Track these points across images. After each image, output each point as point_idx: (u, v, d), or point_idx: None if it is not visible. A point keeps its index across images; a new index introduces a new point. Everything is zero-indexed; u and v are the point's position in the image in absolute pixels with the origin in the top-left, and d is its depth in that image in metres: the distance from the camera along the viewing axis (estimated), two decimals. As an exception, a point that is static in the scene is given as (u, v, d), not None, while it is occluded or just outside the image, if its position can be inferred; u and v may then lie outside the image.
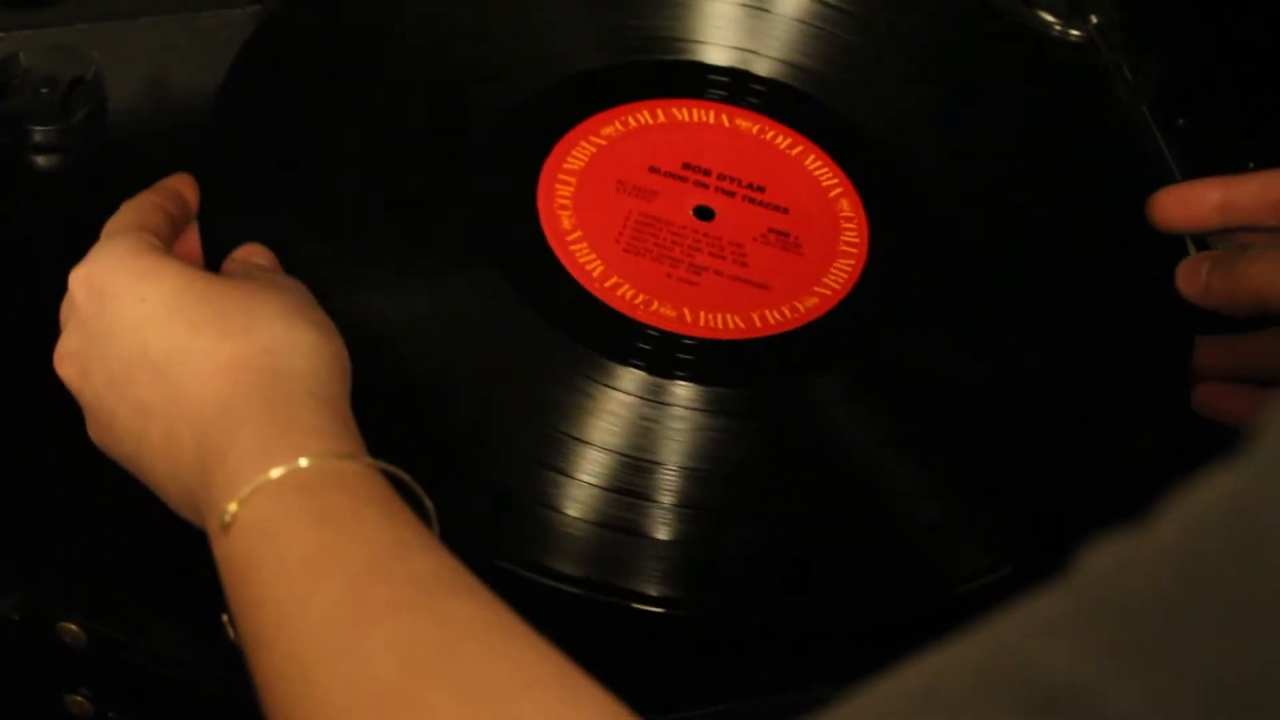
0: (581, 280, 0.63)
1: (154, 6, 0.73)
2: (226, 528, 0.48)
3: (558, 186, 0.66)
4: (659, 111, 0.70)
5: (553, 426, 0.59)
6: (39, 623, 0.56)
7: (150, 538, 0.57)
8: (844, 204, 0.68)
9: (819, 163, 0.69)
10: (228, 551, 0.49)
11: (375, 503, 0.49)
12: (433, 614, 0.46)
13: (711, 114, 0.70)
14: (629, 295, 0.63)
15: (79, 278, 0.55)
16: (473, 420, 0.59)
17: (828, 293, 0.65)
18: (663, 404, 0.60)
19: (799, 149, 0.70)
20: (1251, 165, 0.75)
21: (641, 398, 0.60)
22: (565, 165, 0.67)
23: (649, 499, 0.58)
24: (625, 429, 0.59)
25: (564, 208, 0.66)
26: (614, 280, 0.64)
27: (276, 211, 0.64)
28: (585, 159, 0.67)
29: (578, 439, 0.58)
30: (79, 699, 0.58)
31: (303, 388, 0.51)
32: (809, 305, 0.64)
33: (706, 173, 0.68)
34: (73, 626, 0.56)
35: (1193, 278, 0.63)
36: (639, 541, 0.57)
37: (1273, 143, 0.76)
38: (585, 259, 0.64)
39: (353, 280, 0.62)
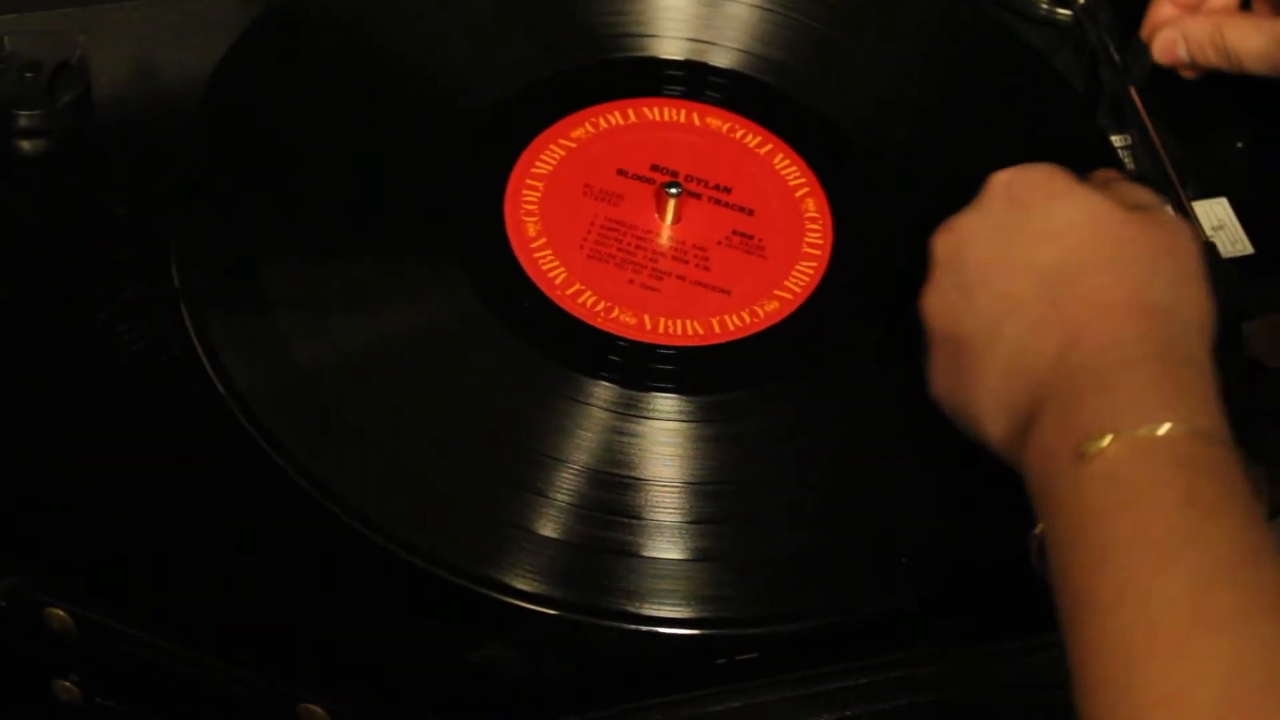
0: (544, 288, 0.64)
1: (140, -10, 0.73)
2: (1086, 458, 0.49)
3: (525, 192, 0.68)
4: (630, 111, 0.71)
5: (523, 444, 0.60)
6: (27, 609, 0.57)
7: (138, 523, 0.58)
8: (810, 204, 0.69)
9: (787, 161, 0.70)
10: (1074, 483, 0.49)
11: (1239, 497, 0.49)
12: (1261, 636, 0.45)
13: (682, 113, 0.71)
14: (590, 303, 0.65)
15: (1000, 175, 0.58)
16: (439, 437, 0.61)
17: (788, 296, 0.66)
18: (632, 416, 0.62)
19: (768, 148, 0.71)
20: (1240, 145, 0.76)
21: (610, 410, 0.62)
22: (534, 170, 0.68)
23: (627, 515, 0.59)
24: (592, 443, 0.61)
25: (530, 214, 0.67)
26: (576, 287, 0.65)
27: (247, 217, 0.65)
28: (554, 163, 0.68)
29: (550, 456, 0.60)
30: (67, 685, 0.59)
31: (1186, 353, 0.52)
32: (769, 310, 0.65)
33: (674, 174, 0.68)
34: (61, 613, 0.57)
35: (1170, 51, 0.74)
36: (623, 559, 0.58)
37: (1261, 121, 0.76)
38: (548, 266, 0.65)
39: (318, 288, 0.64)
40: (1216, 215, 0.72)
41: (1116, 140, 0.74)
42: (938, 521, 0.61)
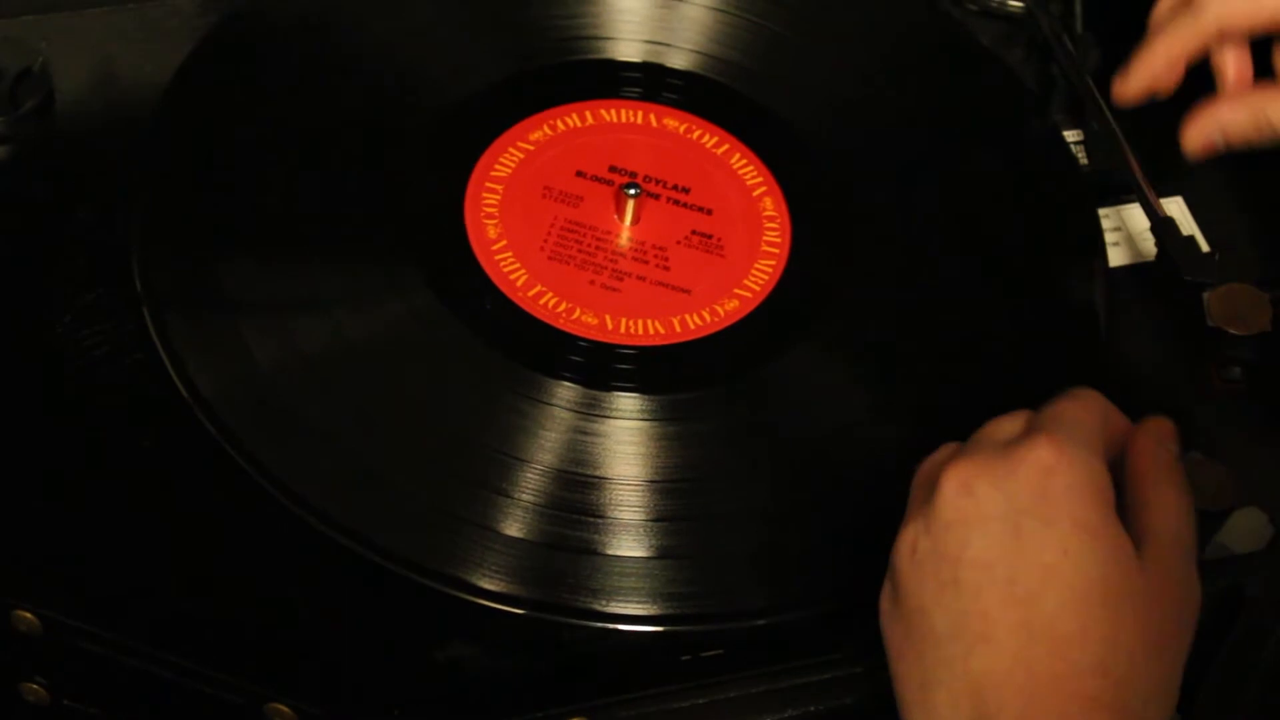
0: (505, 290, 0.65)
1: (101, -3, 0.74)
2: None
3: (485, 195, 0.68)
4: (587, 114, 0.71)
5: (486, 444, 0.61)
6: (-7, 611, 0.58)
7: (104, 524, 0.59)
8: (767, 203, 0.70)
9: (744, 161, 0.71)
10: None
11: None
12: None
13: (639, 114, 0.72)
14: (551, 304, 0.65)
15: (1045, 451, 0.52)
16: (402, 438, 0.61)
17: (748, 295, 0.67)
18: (594, 415, 0.62)
19: (725, 148, 0.71)
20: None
21: (572, 410, 0.62)
22: (493, 173, 0.69)
23: (591, 514, 0.60)
24: (555, 443, 0.61)
25: (490, 216, 0.67)
26: (537, 289, 0.66)
27: (209, 221, 0.66)
28: (513, 165, 0.69)
29: (513, 456, 0.60)
30: (34, 686, 0.59)
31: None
32: (729, 309, 0.66)
33: (633, 175, 0.69)
34: (27, 614, 0.57)
35: (1208, 144, 0.66)
36: (587, 557, 0.59)
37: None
38: (509, 268, 0.66)
39: (279, 291, 0.64)
40: (1172, 215, 0.72)
41: (1070, 135, 0.75)
42: (899, 517, 0.61)
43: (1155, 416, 0.56)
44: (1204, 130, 0.66)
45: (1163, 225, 0.68)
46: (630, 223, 0.68)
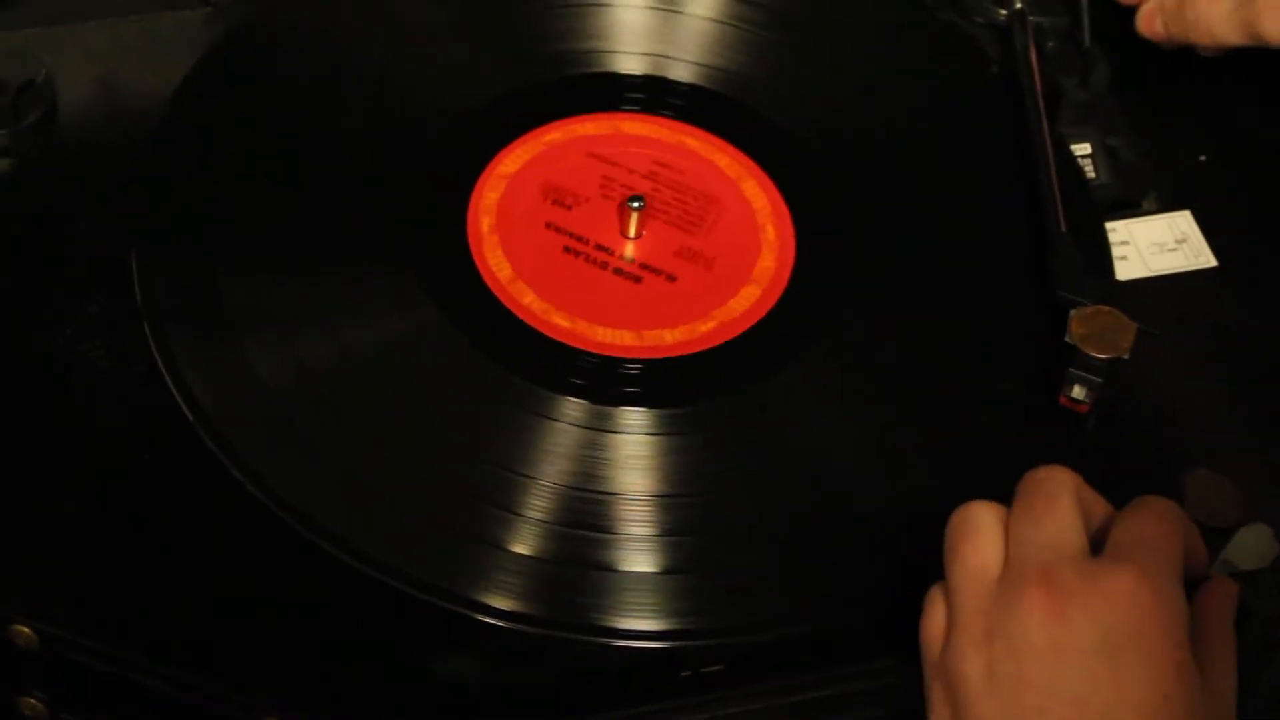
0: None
1: (105, 9, 0.74)
2: None
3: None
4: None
5: (491, 460, 0.60)
6: (-9, 625, 0.58)
7: (103, 538, 0.59)
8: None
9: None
10: None
11: None
12: None
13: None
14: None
15: (1139, 585, 0.51)
16: (406, 455, 0.61)
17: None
18: (600, 430, 0.62)
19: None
20: (1203, 158, 0.76)
21: (578, 425, 0.62)
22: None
23: (595, 529, 0.59)
24: (561, 458, 0.61)
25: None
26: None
27: (210, 234, 0.66)
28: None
29: (519, 472, 0.60)
30: (33, 701, 0.59)
31: None
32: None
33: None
34: (25, 629, 0.57)
35: (1150, 23, 0.77)
36: (593, 573, 0.58)
37: (1224, 134, 0.77)
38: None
39: (281, 305, 0.64)
40: (1180, 228, 0.72)
41: (1077, 149, 0.74)
42: (907, 531, 0.60)
43: (1228, 578, 0.56)
44: (1150, 7, 0.76)
45: (1057, 238, 0.68)
46: (634, 236, 0.68)
